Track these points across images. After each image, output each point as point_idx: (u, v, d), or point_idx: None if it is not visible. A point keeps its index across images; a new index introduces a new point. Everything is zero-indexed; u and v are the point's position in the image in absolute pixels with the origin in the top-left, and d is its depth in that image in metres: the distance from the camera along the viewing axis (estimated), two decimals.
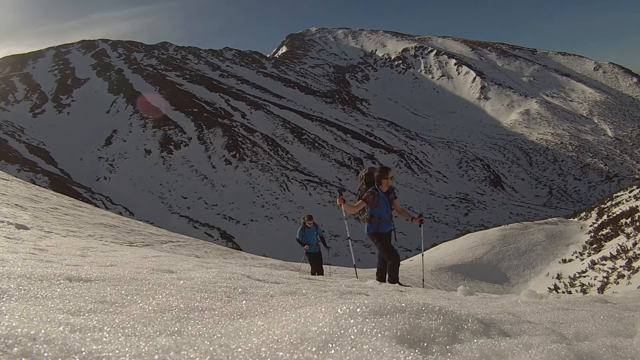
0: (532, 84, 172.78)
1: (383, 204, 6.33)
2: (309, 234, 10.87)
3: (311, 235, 10.86)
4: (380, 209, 6.28)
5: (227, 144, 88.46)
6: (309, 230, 10.88)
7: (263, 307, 2.11)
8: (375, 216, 6.30)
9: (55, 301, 1.78)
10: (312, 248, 10.86)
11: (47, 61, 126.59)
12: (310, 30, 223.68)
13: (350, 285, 3.81)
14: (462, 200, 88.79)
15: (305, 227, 10.86)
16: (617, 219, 18.65)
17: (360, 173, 6.69)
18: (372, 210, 6.29)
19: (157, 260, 4.21)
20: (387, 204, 6.39)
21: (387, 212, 6.39)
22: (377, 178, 6.37)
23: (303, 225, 10.88)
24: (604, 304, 2.92)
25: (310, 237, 10.85)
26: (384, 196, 6.36)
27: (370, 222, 6.37)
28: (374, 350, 1.37)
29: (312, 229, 10.90)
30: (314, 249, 10.94)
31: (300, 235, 10.81)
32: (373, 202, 6.21)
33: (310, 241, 10.85)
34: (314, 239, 10.90)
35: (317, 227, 11.14)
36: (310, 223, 10.84)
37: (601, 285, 13.69)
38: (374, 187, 6.33)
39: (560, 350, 1.53)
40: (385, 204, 6.35)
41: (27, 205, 9.09)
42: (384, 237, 6.38)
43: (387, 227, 6.44)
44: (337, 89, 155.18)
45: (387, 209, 6.41)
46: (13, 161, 69.94)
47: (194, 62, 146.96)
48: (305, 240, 10.84)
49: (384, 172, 6.38)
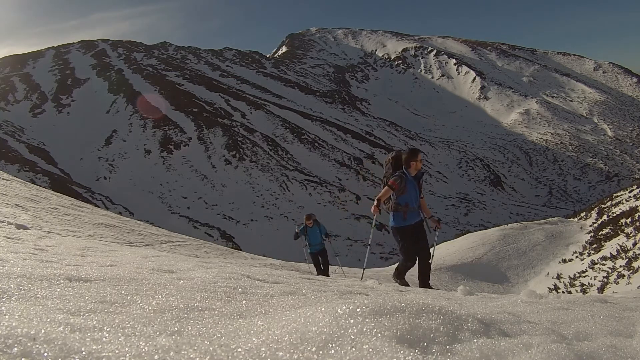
0: (532, 84, 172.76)
1: (411, 189, 5.64)
2: (311, 234, 10.42)
3: (314, 234, 10.42)
4: (407, 194, 5.60)
5: (227, 143, 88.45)
6: (310, 229, 10.44)
7: (263, 307, 2.11)
8: (401, 204, 5.61)
9: (55, 301, 1.78)
10: (315, 247, 10.46)
11: (47, 61, 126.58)
12: (310, 30, 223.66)
13: (350, 285, 3.81)
14: (462, 200, 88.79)
15: (306, 227, 10.45)
16: (617, 219, 18.66)
17: (386, 157, 6.07)
18: (397, 197, 5.60)
19: (157, 260, 4.21)
20: (415, 189, 5.69)
21: (415, 199, 5.68)
22: (405, 160, 5.75)
23: (304, 226, 10.48)
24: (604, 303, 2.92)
25: (313, 237, 10.41)
26: (412, 181, 5.67)
27: (397, 211, 5.65)
28: (374, 350, 1.37)
29: (314, 228, 10.44)
30: (317, 248, 10.50)
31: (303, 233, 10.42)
32: (400, 187, 5.55)
33: (313, 240, 10.42)
34: (317, 238, 10.45)
35: (320, 225, 10.61)
36: (310, 223, 10.40)
37: (601, 285, 13.69)
38: (401, 171, 5.69)
39: (560, 350, 1.53)
40: (413, 189, 5.67)
41: (27, 205, 9.09)
42: (408, 233, 5.65)
43: (415, 217, 5.71)
44: (337, 88, 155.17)
45: (416, 195, 5.69)
46: (13, 161, 69.94)
47: (194, 62, 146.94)
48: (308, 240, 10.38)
49: (413, 153, 5.75)
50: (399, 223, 5.66)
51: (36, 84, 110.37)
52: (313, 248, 10.51)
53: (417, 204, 5.69)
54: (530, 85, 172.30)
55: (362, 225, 68.15)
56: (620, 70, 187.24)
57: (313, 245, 10.51)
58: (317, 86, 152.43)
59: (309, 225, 10.44)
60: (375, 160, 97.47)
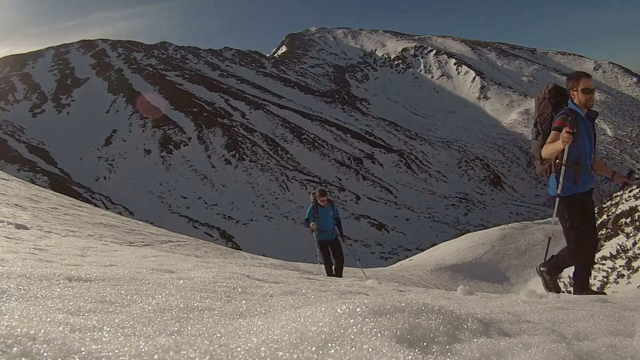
0: (532, 84, 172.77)
1: (583, 131, 3.78)
2: (323, 215, 8.27)
3: (326, 216, 8.28)
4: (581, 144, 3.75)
5: (226, 143, 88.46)
6: (322, 210, 8.29)
7: (263, 306, 2.11)
8: (572, 159, 3.76)
9: (55, 301, 1.78)
10: (327, 234, 8.32)
11: (46, 61, 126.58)
12: (310, 30, 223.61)
13: (350, 285, 3.81)
14: (461, 200, 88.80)
15: (317, 206, 8.30)
16: (616, 219, 18.65)
17: (537, 95, 4.22)
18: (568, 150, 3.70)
19: (157, 260, 4.21)
20: (590, 137, 3.86)
21: (589, 153, 3.87)
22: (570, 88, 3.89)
23: (315, 204, 8.31)
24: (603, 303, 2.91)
25: (325, 220, 8.27)
26: (585, 121, 3.84)
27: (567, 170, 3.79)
28: (373, 349, 1.37)
29: (327, 209, 8.32)
30: (329, 236, 8.34)
31: (312, 216, 8.28)
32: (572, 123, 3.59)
33: (324, 225, 8.26)
34: (329, 221, 8.30)
35: (334, 206, 8.51)
36: (324, 200, 8.27)
37: (601, 284, 13.68)
38: (567, 108, 3.86)
39: (560, 350, 1.53)
40: (587, 136, 3.83)
41: (27, 205, 9.09)
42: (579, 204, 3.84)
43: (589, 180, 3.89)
44: (336, 88, 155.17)
45: (590, 146, 3.87)
46: (13, 161, 69.92)
47: (194, 62, 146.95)
48: (318, 224, 8.20)
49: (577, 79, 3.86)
50: (568, 189, 3.82)
51: (36, 83, 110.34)
52: (322, 235, 8.30)
53: (590, 159, 3.89)
54: (530, 85, 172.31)
55: (361, 225, 68.19)
56: (620, 70, 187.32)
57: (322, 232, 8.29)
58: (317, 86, 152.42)
59: (321, 204, 8.31)
60: (375, 160, 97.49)
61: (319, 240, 8.35)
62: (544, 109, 4.01)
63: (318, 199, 8.28)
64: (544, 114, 3.99)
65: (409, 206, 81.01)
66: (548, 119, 3.92)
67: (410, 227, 71.45)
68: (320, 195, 8.27)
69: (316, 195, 8.36)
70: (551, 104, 3.97)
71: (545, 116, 3.97)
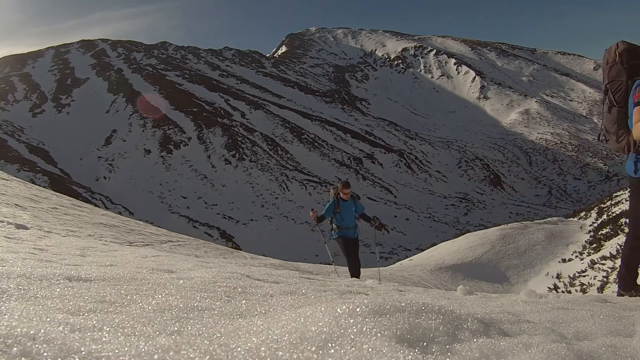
0: (532, 84, 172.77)
1: None
2: (345, 210, 7.32)
3: (348, 212, 7.37)
4: None
5: (226, 143, 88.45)
6: (344, 205, 7.33)
7: (263, 306, 2.11)
8: None
9: (55, 301, 1.78)
10: (348, 232, 7.44)
11: (46, 61, 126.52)
12: (310, 30, 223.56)
13: (350, 285, 3.81)
14: (461, 199, 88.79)
15: (339, 201, 7.31)
16: (616, 219, 18.66)
17: (605, 57, 3.66)
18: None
19: (157, 260, 4.21)
20: None
21: None
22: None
23: (335, 199, 7.34)
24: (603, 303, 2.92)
25: (347, 216, 7.36)
26: None
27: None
28: (373, 349, 1.37)
29: (349, 203, 7.39)
30: (350, 234, 7.46)
31: (331, 212, 7.30)
32: None
33: (346, 221, 7.37)
34: (351, 218, 7.44)
35: (356, 201, 7.58)
36: (347, 193, 7.30)
37: (601, 284, 13.67)
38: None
39: (560, 350, 1.53)
40: None
41: (27, 205, 9.09)
42: None
43: None
44: (336, 88, 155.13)
45: None
46: (13, 161, 69.88)
47: (194, 62, 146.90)
48: (339, 221, 7.29)
49: None
50: None
51: (36, 83, 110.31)
52: (344, 233, 7.39)
53: None
54: (530, 84, 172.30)
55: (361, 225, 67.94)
56: None
57: (343, 229, 7.38)
58: (317, 86, 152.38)
59: (343, 197, 7.34)
60: (375, 160, 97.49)
61: (341, 236, 7.36)
62: (617, 75, 3.46)
63: (341, 191, 7.33)
64: (616, 81, 3.46)
65: (408, 206, 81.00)
66: (622, 88, 3.40)
67: (410, 227, 71.44)
68: (343, 187, 7.30)
69: (338, 188, 7.41)
70: (625, 69, 3.40)
71: (618, 84, 3.43)
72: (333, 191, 7.52)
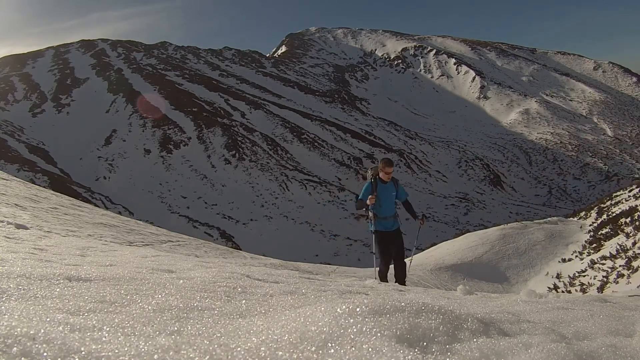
0: (532, 84, 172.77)
1: None
2: (383, 196, 5.99)
3: (387, 198, 6.03)
4: None
5: (226, 143, 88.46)
6: (383, 188, 6.01)
7: (262, 306, 2.11)
8: None
9: (55, 301, 1.78)
10: (387, 223, 6.07)
11: (46, 61, 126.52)
12: (310, 30, 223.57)
13: (350, 285, 3.81)
14: (461, 199, 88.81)
15: (377, 182, 6.02)
16: (616, 219, 18.65)
17: None
18: None
19: (157, 260, 4.21)
20: None
21: None
22: None
23: (374, 180, 6.04)
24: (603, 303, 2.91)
25: (386, 202, 6.02)
26: None
27: None
28: (373, 349, 1.37)
29: (389, 187, 6.07)
30: (389, 225, 6.08)
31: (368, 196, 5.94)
32: None
33: (385, 209, 6.03)
34: (391, 205, 6.08)
35: (399, 185, 6.21)
36: (389, 173, 5.95)
37: (601, 284, 13.68)
38: None
39: (560, 350, 1.52)
40: None
41: (27, 205, 9.08)
42: None
43: None
44: (336, 88, 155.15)
45: None
46: (12, 161, 69.89)
47: (194, 62, 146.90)
48: (376, 208, 5.97)
49: None
50: None
51: (36, 83, 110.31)
52: (381, 224, 6.05)
53: None
54: (530, 84, 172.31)
55: (361, 225, 68.09)
56: (620, 70, 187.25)
57: (380, 219, 6.05)
58: (317, 86, 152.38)
59: (384, 178, 6.00)
60: (375, 160, 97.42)
61: (377, 231, 6.02)
62: None
63: (381, 170, 5.95)
64: None
65: None
66: None
67: (410, 227, 71.30)
68: (385, 165, 5.93)
69: (379, 168, 6.02)
70: None
71: None
72: (371, 172, 6.23)
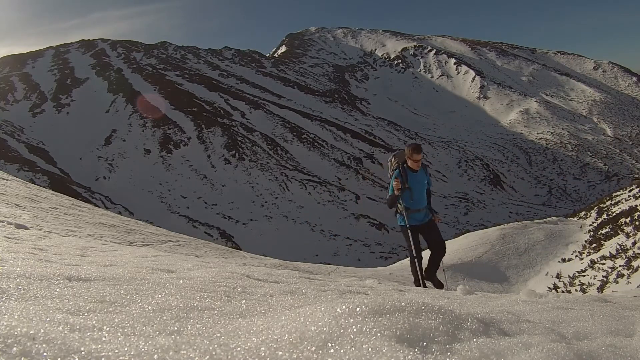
0: (532, 84, 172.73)
1: None
2: (415, 185, 5.43)
3: (419, 187, 5.48)
4: None
5: (226, 143, 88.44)
6: (414, 177, 5.43)
7: (262, 306, 2.11)
8: None
9: (55, 301, 1.77)
10: (419, 216, 5.54)
11: (46, 61, 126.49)
12: (310, 30, 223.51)
13: (350, 285, 3.81)
14: (461, 199, 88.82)
15: (406, 172, 5.42)
16: (616, 218, 18.65)
17: None
18: None
19: (157, 260, 4.21)
20: None
21: None
22: None
23: (401, 169, 5.45)
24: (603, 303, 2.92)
25: (419, 193, 5.47)
26: None
27: None
28: (373, 349, 1.37)
29: (421, 175, 5.50)
30: (421, 218, 5.56)
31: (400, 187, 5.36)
32: None
33: (417, 201, 5.48)
34: (423, 196, 5.53)
35: (427, 171, 5.68)
36: (418, 161, 5.36)
37: (601, 284, 13.68)
38: None
39: (560, 350, 1.53)
40: None
41: (27, 204, 9.08)
42: None
43: None
44: (336, 88, 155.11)
45: None
46: (12, 161, 69.89)
47: (194, 62, 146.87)
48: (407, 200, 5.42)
49: None
50: None
51: (35, 83, 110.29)
52: (414, 217, 5.49)
53: None
54: (530, 84, 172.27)
55: (361, 225, 68.13)
56: (620, 70, 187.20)
57: (413, 212, 5.49)
58: (317, 86, 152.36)
59: (413, 167, 5.41)
60: (374, 160, 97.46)
61: (410, 226, 5.43)
62: None
63: (409, 157, 5.33)
64: None
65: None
66: None
67: None
68: (412, 151, 5.29)
69: (407, 153, 5.37)
70: None
71: None
72: (395, 159, 5.62)
